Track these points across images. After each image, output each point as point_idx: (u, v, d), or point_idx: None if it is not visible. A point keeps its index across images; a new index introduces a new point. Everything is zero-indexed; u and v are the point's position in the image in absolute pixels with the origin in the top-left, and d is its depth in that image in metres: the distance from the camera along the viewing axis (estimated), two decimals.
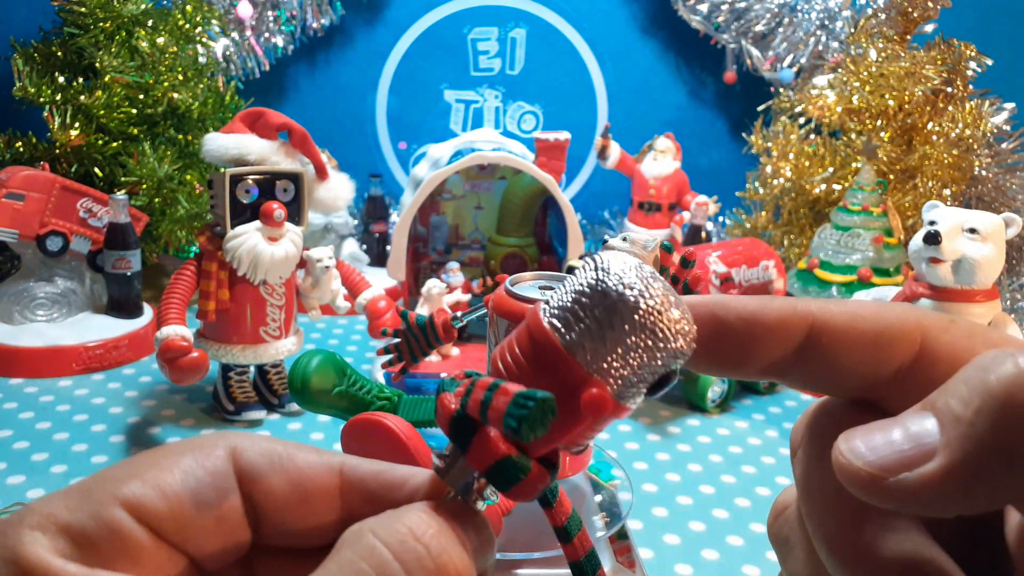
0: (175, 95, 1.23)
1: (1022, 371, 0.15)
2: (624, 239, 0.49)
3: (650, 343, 0.19)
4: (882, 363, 0.19)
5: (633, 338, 0.20)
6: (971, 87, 1.19)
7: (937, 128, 1.16)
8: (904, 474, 0.16)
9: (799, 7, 1.40)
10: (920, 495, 0.16)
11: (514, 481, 0.21)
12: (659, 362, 0.20)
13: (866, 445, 0.17)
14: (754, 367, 0.20)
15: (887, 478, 0.16)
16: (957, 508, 0.16)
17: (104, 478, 0.20)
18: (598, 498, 0.59)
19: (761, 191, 1.34)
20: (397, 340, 0.65)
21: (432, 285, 0.96)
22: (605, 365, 0.20)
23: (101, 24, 1.19)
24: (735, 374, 0.21)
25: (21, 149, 1.21)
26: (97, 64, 1.17)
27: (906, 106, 1.18)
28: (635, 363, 0.20)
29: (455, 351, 1.04)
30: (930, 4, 1.15)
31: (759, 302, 0.20)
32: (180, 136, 1.27)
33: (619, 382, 0.20)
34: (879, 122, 1.21)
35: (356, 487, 0.22)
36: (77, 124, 1.18)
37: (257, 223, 0.83)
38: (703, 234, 1.30)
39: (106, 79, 1.17)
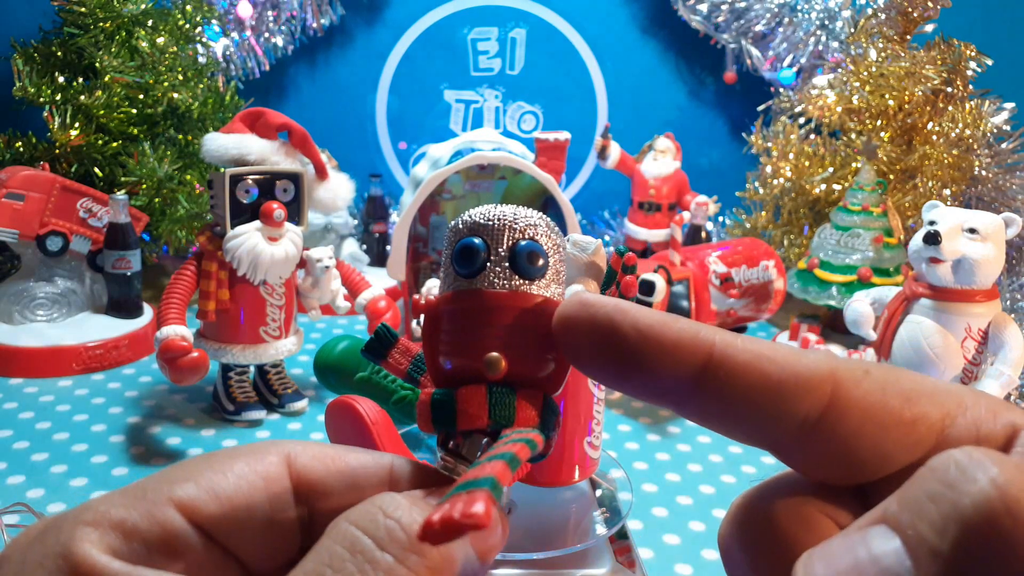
0: (175, 95, 1.23)
1: (1000, 491, 0.14)
2: (585, 245, 0.49)
3: (445, 242, 0.24)
4: (785, 413, 0.18)
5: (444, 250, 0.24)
6: (971, 87, 1.19)
7: (937, 128, 1.16)
8: None
9: (799, 7, 1.40)
10: None
11: (444, 409, 0.23)
12: (447, 248, 0.23)
13: (828, 569, 0.16)
14: (643, 386, 0.19)
15: None
16: None
17: (159, 479, 0.20)
18: (598, 493, 0.59)
19: (761, 191, 1.34)
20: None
21: (432, 285, 0.96)
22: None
23: (101, 24, 1.19)
24: (624, 388, 0.20)
25: (21, 149, 1.21)
26: (97, 64, 1.17)
27: (906, 106, 1.18)
28: (442, 261, 0.24)
29: None
30: (930, 4, 1.15)
31: (662, 318, 0.19)
32: (180, 136, 1.27)
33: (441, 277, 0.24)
34: (879, 122, 1.21)
35: (404, 486, 0.22)
36: (77, 124, 1.18)
37: (257, 223, 0.83)
38: (703, 234, 1.30)
39: (106, 79, 1.17)
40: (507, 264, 0.23)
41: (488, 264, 0.23)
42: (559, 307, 0.21)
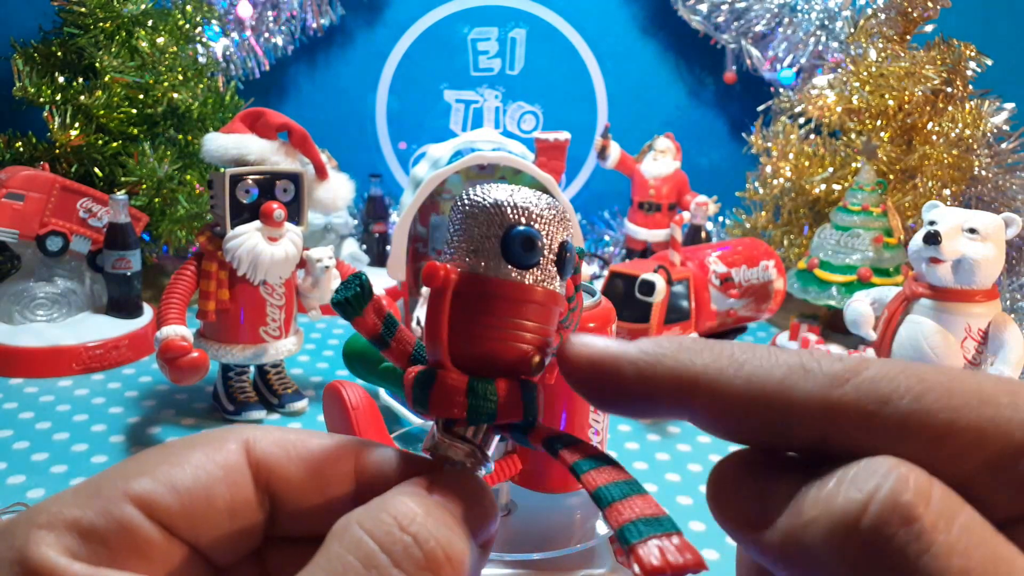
0: (175, 95, 1.23)
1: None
2: None
3: (471, 219, 0.22)
4: (783, 437, 0.18)
5: (457, 227, 0.23)
6: (971, 87, 1.19)
7: (937, 128, 1.16)
8: None
9: (799, 7, 1.40)
10: None
11: (487, 403, 0.22)
12: (485, 228, 0.22)
13: None
14: (644, 414, 0.20)
15: None
16: None
17: (113, 475, 0.20)
18: None
19: (761, 191, 1.34)
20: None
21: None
22: (449, 250, 0.23)
23: (101, 24, 1.19)
24: (629, 416, 0.21)
25: (21, 149, 1.21)
26: (97, 64, 1.17)
27: (906, 106, 1.18)
28: (461, 238, 0.22)
29: None
30: (930, 4, 1.15)
31: (655, 356, 0.19)
32: (180, 136, 1.27)
33: (456, 258, 0.22)
34: (879, 122, 1.21)
35: (372, 470, 0.22)
36: (77, 124, 1.18)
37: (257, 223, 0.83)
38: (703, 234, 1.30)
39: (106, 79, 1.17)
40: (554, 262, 0.23)
41: (542, 260, 0.22)
42: (566, 346, 0.21)
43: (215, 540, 0.20)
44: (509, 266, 0.22)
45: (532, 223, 0.22)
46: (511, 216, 0.22)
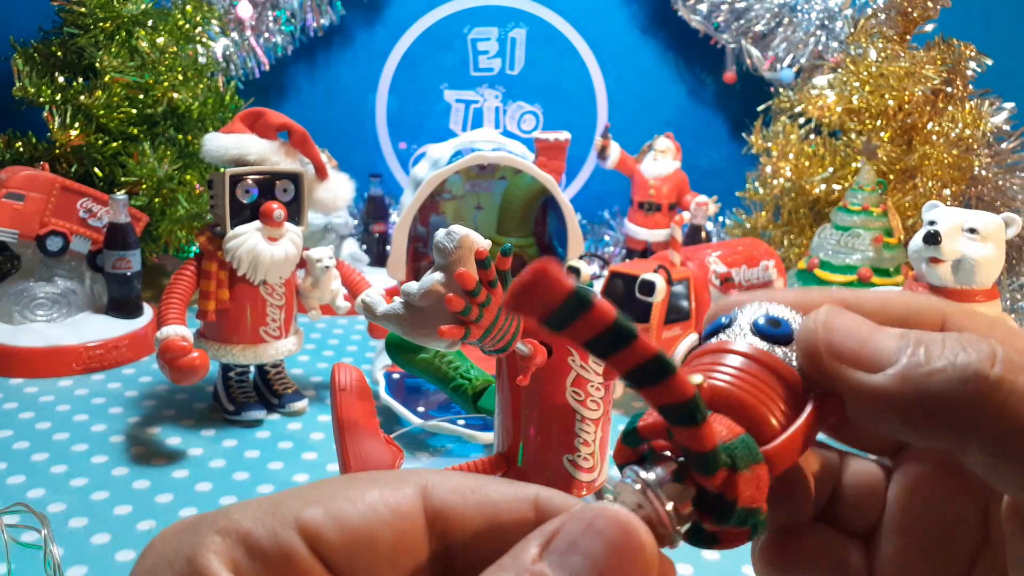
0: (175, 95, 1.23)
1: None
2: (447, 233, 0.47)
3: None
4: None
5: None
6: (971, 87, 1.19)
7: (937, 128, 1.16)
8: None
9: (799, 7, 1.40)
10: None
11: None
12: None
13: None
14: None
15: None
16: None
17: (291, 496, 0.20)
18: (606, 496, 0.59)
19: (761, 191, 1.34)
20: None
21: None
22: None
23: (101, 24, 1.19)
24: None
25: (21, 149, 1.21)
26: (97, 64, 1.17)
27: (906, 106, 1.18)
28: None
29: None
30: (930, 4, 1.15)
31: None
32: (180, 136, 1.27)
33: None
34: (879, 122, 1.21)
35: (552, 515, 0.21)
36: (77, 124, 1.18)
37: (257, 223, 0.83)
38: (703, 234, 1.30)
39: (106, 79, 1.17)
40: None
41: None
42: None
43: None
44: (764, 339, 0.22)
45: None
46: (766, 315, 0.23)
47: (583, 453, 0.53)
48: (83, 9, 1.19)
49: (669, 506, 0.20)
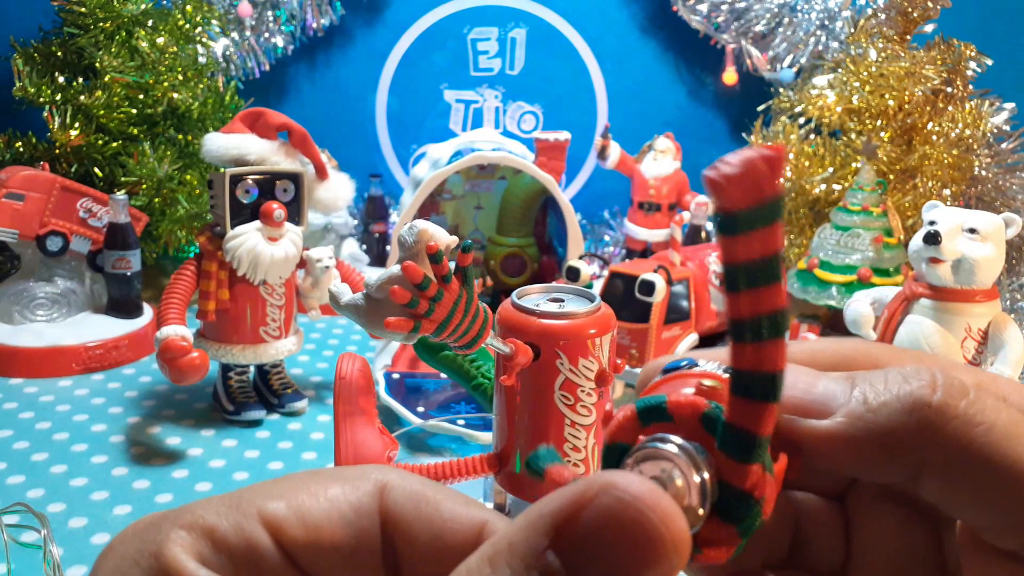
0: (175, 95, 1.23)
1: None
2: (409, 227, 0.47)
3: None
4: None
5: None
6: (971, 87, 1.19)
7: (937, 128, 1.16)
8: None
9: (799, 7, 1.40)
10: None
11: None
12: None
13: None
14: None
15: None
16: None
17: (253, 491, 0.20)
18: None
19: None
20: None
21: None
22: None
23: (101, 24, 1.19)
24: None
25: (21, 149, 1.21)
26: (97, 64, 1.17)
27: (906, 106, 1.18)
28: None
29: None
30: (930, 4, 1.15)
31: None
32: (180, 136, 1.27)
33: None
34: (879, 122, 1.21)
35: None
36: (77, 124, 1.18)
37: (257, 223, 0.83)
38: (703, 234, 1.30)
39: (106, 79, 1.17)
40: None
41: None
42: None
43: None
44: None
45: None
46: None
47: (573, 459, 0.52)
48: (83, 9, 1.19)
49: (704, 475, 0.17)
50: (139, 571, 0.18)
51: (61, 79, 1.19)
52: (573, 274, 0.98)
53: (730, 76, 1.51)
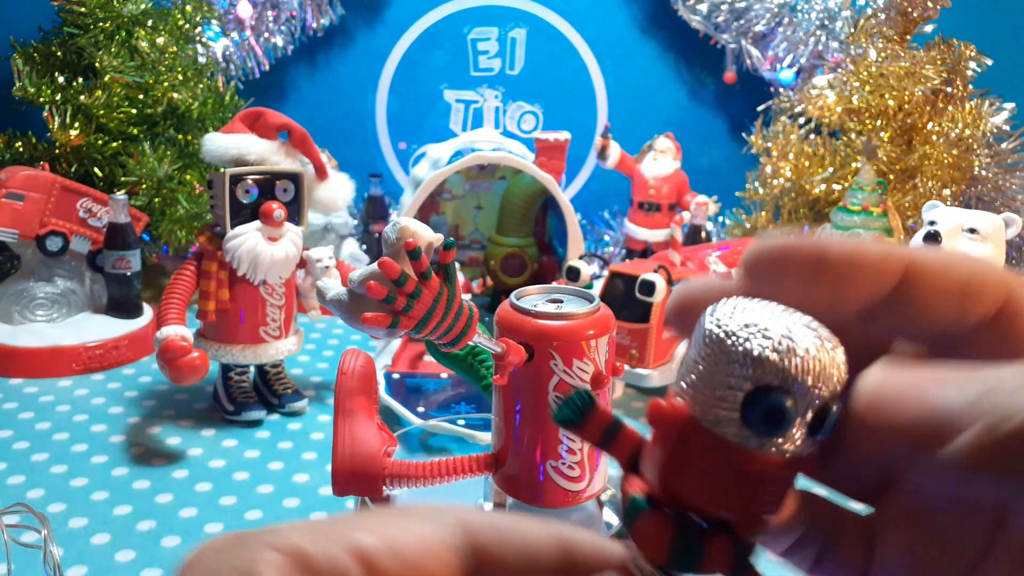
0: (175, 95, 1.23)
1: None
2: (393, 224, 0.47)
3: (715, 355, 0.19)
4: (967, 312, 0.20)
5: (699, 354, 0.19)
6: (971, 87, 1.19)
7: (937, 128, 1.16)
8: None
9: (799, 7, 1.40)
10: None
11: (690, 559, 0.20)
12: (728, 376, 0.18)
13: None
14: (850, 305, 0.20)
15: None
16: None
17: (348, 520, 0.20)
18: (604, 496, 0.59)
19: (761, 191, 1.34)
20: None
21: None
22: (687, 383, 0.19)
23: (101, 24, 1.19)
24: (831, 312, 0.20)
25: (21, 149, 1.21)
26: (97, 64, 1.17)
27: (906, 106, 1.18)
28: (701, 374, 0.19)
29: None
30: (930, 4, 1.15)
31: (857, 244, 0.20)
32: (180, 136, 1.27)
33: (688, 393, 0.19)
34: (879, 122, 1.21)
35: (578, 556, 0.21)
36: (77, 124, 1.18)
37: (257, 223, 0.83)
38: (703, 234, 1.30)
39: (106, 79, 1.17)
40: (806, 431, 0.19)
41: (790, 431, 0.18)
42: (753, 248, 0.21)
43: None
44: (749, 431, 0.18)
45: (790, 385, 0.18)
46: (763, 371, 0.18)
47: (568, 461, 0.52)
48: (83, 9, 1.19)
49: None
50: None
51: (61, 79, 1.19)
52: (573, 274, 0.98)
53: (730, 76, 1.51)
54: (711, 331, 0.19)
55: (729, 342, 0.18)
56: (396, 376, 0.92)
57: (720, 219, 1.48)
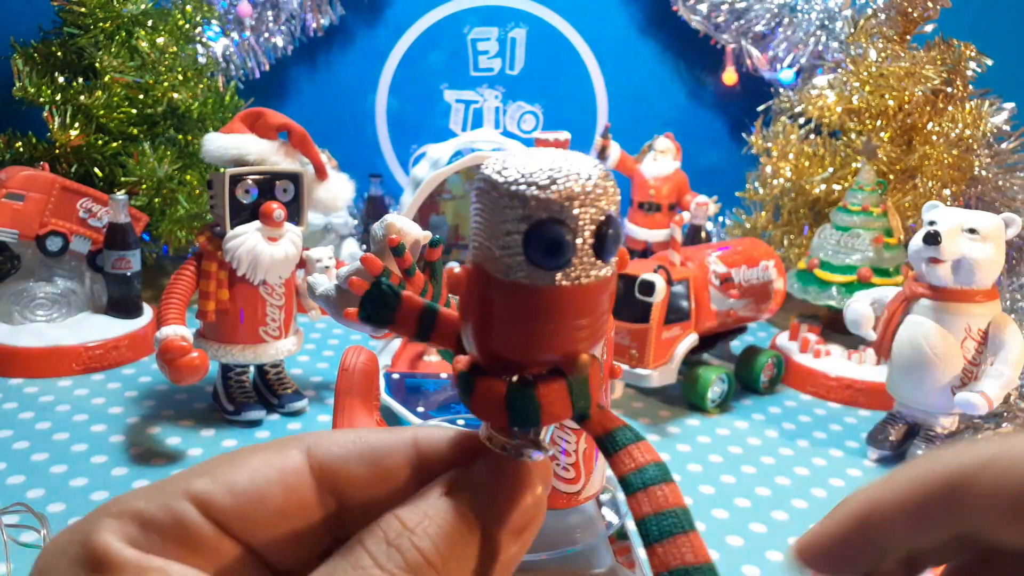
0: (175, 95, 1.23)
1: None
2: (381, 222, 0.47)
3: (490, 206, 0.19)
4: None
5: (478, 211, 0.20)
6: (971, 87, 1.19)
7: (937, 128, 1.16)
8: None
9: (799, 7, 1.40)
10: None
11: (528, 411, 0.20)
12: (504, 223, 0.19)
13: None
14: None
15: None
16: None
17: (180, 474, 0.21)
18: (604, 496, 0.59)
19: (761, 191, 1.34)
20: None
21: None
22: (474, 244, 0.20)
23: (101, 24, 1.19)
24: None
25: (21, 149, 1.21)
26: (97, 64, 1.17)
27: (906, 106, 1.18)
28: (481, 229, 0.19)
29: None
30: (930, 4, 1.15)
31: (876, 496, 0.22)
32: (180, 136, 1.27)
33: (477, 251, 0.20)
34: (879, 122, 1.21)
35: (429, 457, 0.22)
36: (77, 124, 1.18)
37: (257, 223, 0.83)
38: (703, 234, 1.30)
39: (106, 79, 1.17)
40: (592, 253, 0.19)
41: (573, 258, 0.19)
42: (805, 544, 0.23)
43: (269, 540, 0.21)
44: (536, 268, 0.19)
45: (555, 218, 0.18)
46: (531, 209, 0.18)
47: (563, 463, 0.52)
48: (83, 9, 1.19)
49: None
50: (66, 560, 0.19)
51: (61, 79, 1.19)
52: None
53: (730, 76, 1.51)
54: (481, 185, 0.19)
55: (497, 192, 0.19)
56: (396, 376, 0.92)
57: (720, 219, 1.48)
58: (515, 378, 0.20)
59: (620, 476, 0.21)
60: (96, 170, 1.21)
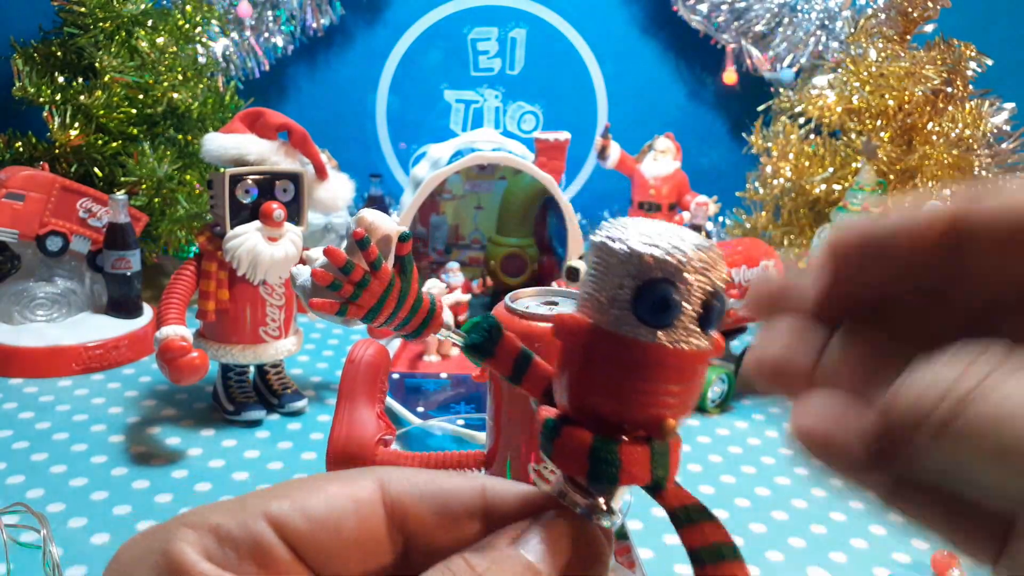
0: (175, 95, 1.23)
1: None
2: (355, 216, 0.47)
3: (606, 263, 0.20)
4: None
5: (592, 266, 0.21)
6: (971, 87, 1.19)
7: (937, 128, 1.16)
8: None
9: (799, 7, 1.40)
10: None
11: (609, 468, 0.21)
12: (618, 278, 0.20)
13: None
14: (897, 273, 0.20)
15: None
16: None
17: (258, 494, 0.21)
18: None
19: (761, 191, 1.34)
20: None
21: (432, 285, 0.96)
22: (584, 296, 0.21)
23: (101, 24, 1.19)
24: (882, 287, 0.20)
25: (21, 149, 1.21)
26: (97, 64, 1.17)
27: (906, 106, 1.18)
28: (594, 283, 0.20)
29: (454, 351, 1.04)
30: (930, 4, 1.15)
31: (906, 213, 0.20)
32: (180, 136, 1.27)
33: (586, 303, 0.21)
34: (879, 122, 1.21)
35: (499, 506, 0.22)
36: (77, 124, 1.18)
37: (257, 223, 0.83)
38: (703, 234, 1.30)
39: (106, 79, 1.17)
40: (696, 322, 0.20)
41: (677, 321, 0.20)
42: (839, 235, 0.21)
43: (340, 569, 0.21)
44: (640, 324, 0.20)
45: (671, 276, 0.20)
46: (646, 267, 0.20)
47: (550, 466, 0.52)
48: (83, 9, 1.19)
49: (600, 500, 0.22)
50: (145, 569, 0.19)
51: (61, 79, 1.19)
52: (573, 274, 0.98)
53: (730, 76, 1.51)
54: (600, 242, 0.21)
55: (616, 246, 0.20)
56: (396, 376, 0.92)
57: (720, 219, 1.48)
58: (598, 432, 0.21)
59: (690, 549, 0.22)
60: (96, 170, 1.21)
